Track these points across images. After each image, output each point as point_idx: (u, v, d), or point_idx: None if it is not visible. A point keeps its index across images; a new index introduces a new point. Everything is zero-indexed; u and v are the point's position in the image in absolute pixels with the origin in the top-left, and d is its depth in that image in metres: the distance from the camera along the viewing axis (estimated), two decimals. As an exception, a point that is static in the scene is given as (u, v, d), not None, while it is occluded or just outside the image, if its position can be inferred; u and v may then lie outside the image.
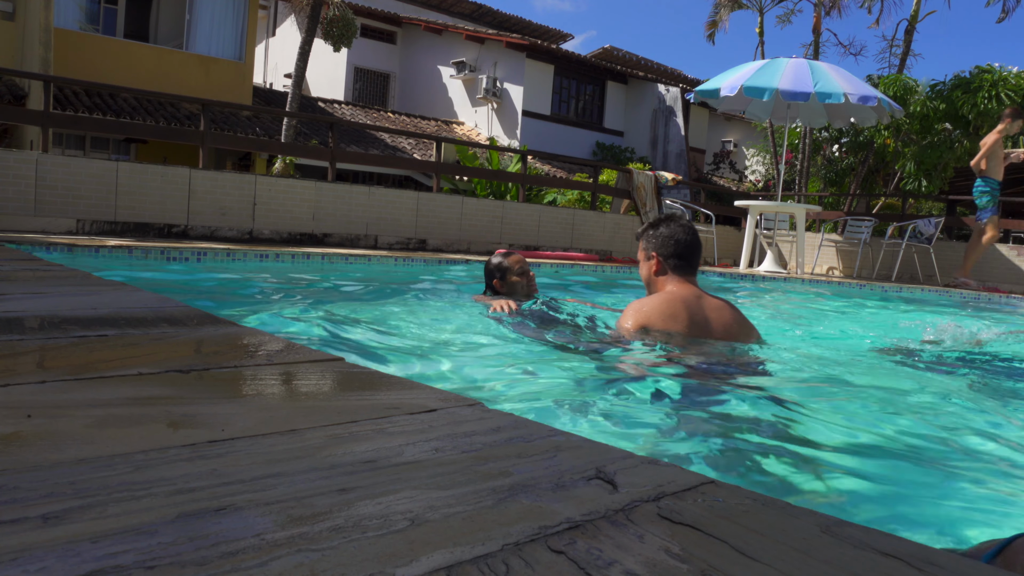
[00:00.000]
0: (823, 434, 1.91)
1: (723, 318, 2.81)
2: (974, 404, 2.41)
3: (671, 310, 2.72)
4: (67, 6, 13.35)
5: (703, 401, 2.22)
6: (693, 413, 2.09)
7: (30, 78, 10.14)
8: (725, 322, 2.80)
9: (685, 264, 2.83)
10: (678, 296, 2.77)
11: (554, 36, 24.49)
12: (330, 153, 8.41)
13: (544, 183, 13.81)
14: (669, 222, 2.87)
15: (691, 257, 2.84)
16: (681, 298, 2.76)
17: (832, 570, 0.64)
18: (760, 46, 15.52)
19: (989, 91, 10.93)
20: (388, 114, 19.29)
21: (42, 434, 0.91)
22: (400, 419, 1.06)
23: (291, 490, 0.76)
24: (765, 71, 9.19)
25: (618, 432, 1.83)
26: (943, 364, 3.21)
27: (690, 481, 0.87)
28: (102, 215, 6.46)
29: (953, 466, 1.75)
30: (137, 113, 13.44)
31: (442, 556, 0.63)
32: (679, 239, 2.82)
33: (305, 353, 1.57)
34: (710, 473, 1.32)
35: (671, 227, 2.85)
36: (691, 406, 2.18)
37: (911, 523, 1.40)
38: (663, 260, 2.83)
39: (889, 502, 1.50)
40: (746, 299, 6.59)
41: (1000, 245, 9.83)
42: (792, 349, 3.30)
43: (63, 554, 0.59)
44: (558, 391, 2.25)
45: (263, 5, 19.78)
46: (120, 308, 1.99)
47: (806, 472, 1.63)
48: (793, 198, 12.66)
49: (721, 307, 2.83)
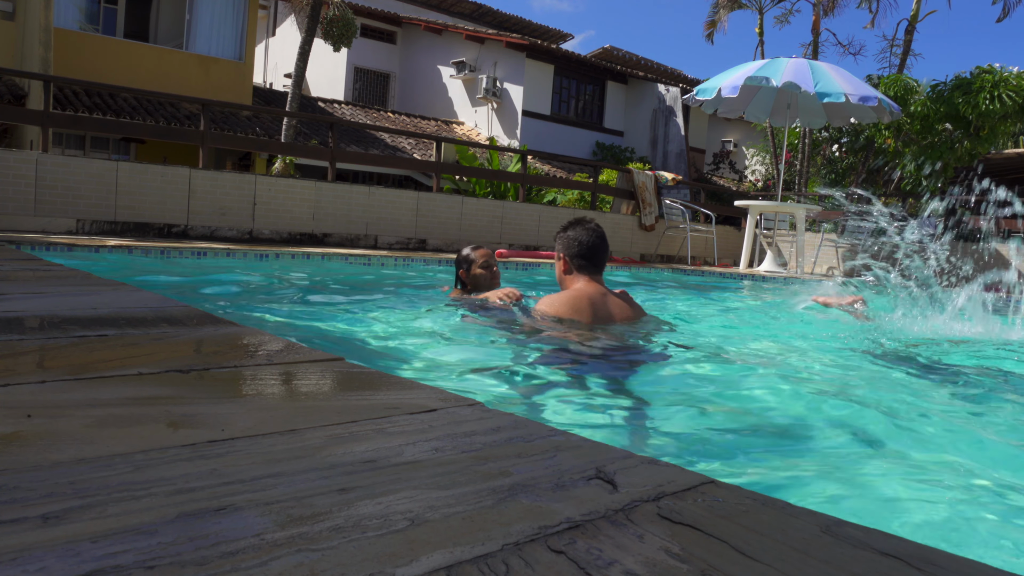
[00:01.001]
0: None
1: (625, 313, 3.08)
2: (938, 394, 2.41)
3: (577, 305, 2.97)
4: (67, 6, 13.35)
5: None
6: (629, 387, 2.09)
7: (30, 78, 10.14)
8: (627, 317, 3.08)
9: (589, 264, 3.07)
10: (584, 293, 3.02)
11: (554, 36, 24.49)
12: (330, 153, 8.41)
13: (544, 183, 13.81)
14: (577, 226, 3.11)
15: (594, 258, 3.08)
16: (587, 295, 3.01)
17: (832, 570, 0.64)
18: (760, 46, 15.53)
19: (990, 92, 10.92)
20: (388, 114, 19.29)
21: (42, 434, 0.91)
22: (400, 419, 1.06)
23: (291, 490, 0.76)
24: (765, 70, 9.20)
25: (617, 431, 1.83)
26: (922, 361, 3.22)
27: (690, 481, 0.87)
28: (102, 215, 6.47)
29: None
30: (137, 113, 13.44)
31: (442, 556, 0.63)
32: (583, 241, 3.06)
33: (305, 353, 1.57)
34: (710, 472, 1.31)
35: (577, 230, 3.09)
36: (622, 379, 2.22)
37: (911, 521, 1.40)
38: (569, 260, 3.08)
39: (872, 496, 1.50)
40: (743, 300, 6.60)
41: (999, 245, 9.84)
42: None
43: (63, 554, 0.59)
44: (556, 389, 2.25)
45: (263, 5, 19.78)
46: (120, 308, 1.99)
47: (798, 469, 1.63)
48: (793, 198, 12.66)
49: (623, 305, 3.12)
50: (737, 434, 1.91)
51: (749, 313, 5.63)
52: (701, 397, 2.30)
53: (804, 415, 2.13)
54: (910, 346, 3.54)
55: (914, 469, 1.70)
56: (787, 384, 2.52)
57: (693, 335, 3.76)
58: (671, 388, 2.40)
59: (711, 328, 4.31)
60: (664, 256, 10.92)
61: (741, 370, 2.77)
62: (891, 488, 1.55)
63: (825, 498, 1.48)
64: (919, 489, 1.56)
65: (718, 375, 2.64)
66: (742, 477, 1.57)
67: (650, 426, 1.94)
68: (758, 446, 1.82)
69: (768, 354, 3.31)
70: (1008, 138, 14.63)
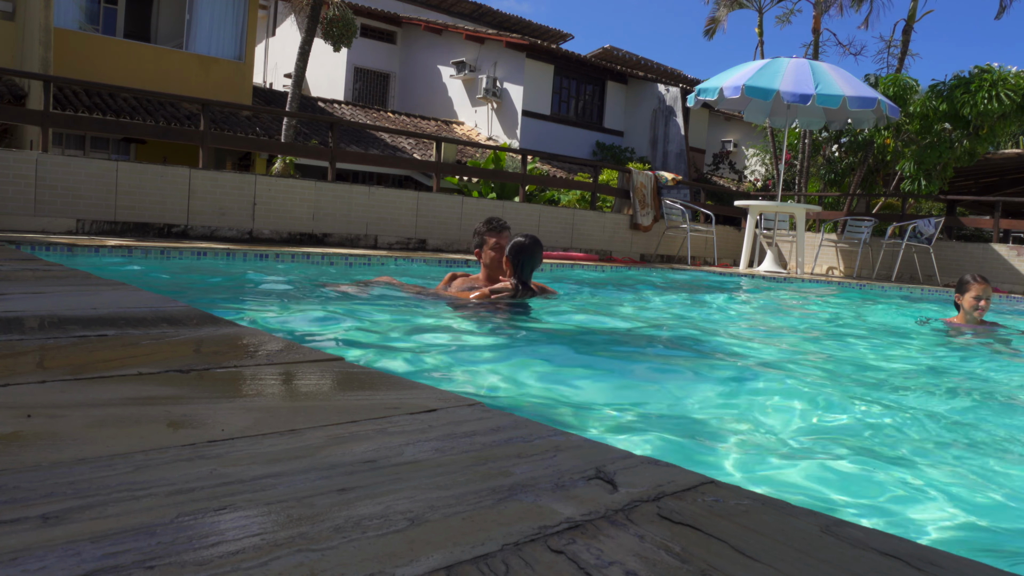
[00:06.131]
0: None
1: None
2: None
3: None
4: (67, 6, 13.34)
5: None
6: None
7: (30, 78, 10.14)
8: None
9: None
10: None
11: (554, 36, 24.48)
12: (330, 153, 8.41)
13: (544, 183, 13.81)
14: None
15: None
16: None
17: (832, 570, 0.64)
18: (760, 46, 15.50)
19: (989, 91, 10.91)
20: (388, 114, 19.28)
21: (42, 434, 0.91)
22: (400, 419, 1.06)
23: (291, 490, 0.76)
24: (766, 71, 9.19)
25: (617, 431, 1.83)
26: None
27: (690, 481, 0.87)
28: (102, 215, 6.46)
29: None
30: (137, 113, 13.44)
31: (442, 556, 0.63)
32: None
33: (305, 353, 1.56)
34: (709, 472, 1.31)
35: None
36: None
37: (906, 519, 1.40)
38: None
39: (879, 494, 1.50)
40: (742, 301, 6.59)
41: (999, 245, 9.84)
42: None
43: (63, 554, 0.59)
44: (555, 388, 2.25)
45: (263, 5, 19.77)
46: (120, 308, 1.99)
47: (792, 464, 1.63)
48: (793, 198, 12.66)
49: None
50: (737, 434, 1.91)
51: (749, 313, 5.63)
52: (701, 397, 2.30)
53: (804, 415, 2.13)
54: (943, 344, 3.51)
55: (914, 469, 1.70)
56: (788, 384, 2.52)
57: (693, 335, 3.77)
58: (672, 388, 2.40)
59: (711, 328, 4.31)
60: (664, 256, 10.91)
61: (741, 370, 2.77)
62: (892, 488, 1.55)
63: (825, 498, 1.48)
64: (919, 489, 1.56)
65: (718, 375, 2.64)
66: (742, 477, 1.57)
67: (650, 426, 1.94)
68: (758, 446, 1.82)
69: (768, 354, 3.31)
70: (1008, 138, 14.62)
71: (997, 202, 10.45)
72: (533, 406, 2.05)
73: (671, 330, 3.53)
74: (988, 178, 17.07)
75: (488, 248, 3.82)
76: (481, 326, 3.28)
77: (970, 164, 12.28)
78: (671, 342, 3.14)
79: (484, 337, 3.03)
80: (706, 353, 3.09)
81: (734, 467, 1.62)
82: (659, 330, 3.54)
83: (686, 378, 2.54)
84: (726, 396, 2.34)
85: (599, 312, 4.35)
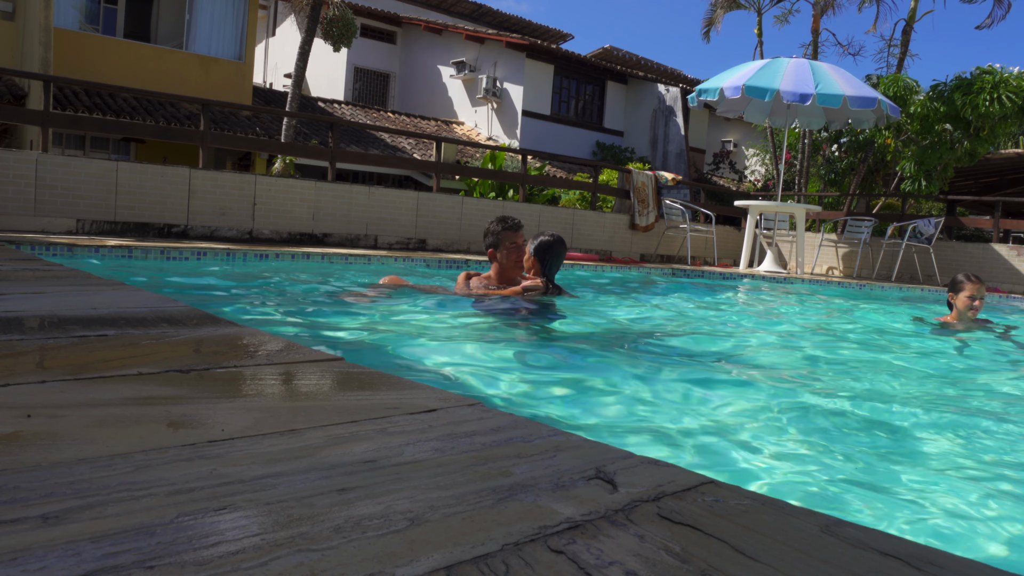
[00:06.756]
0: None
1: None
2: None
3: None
4: (67, 6, 13.34)
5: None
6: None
7: (30, 78, 10.14)
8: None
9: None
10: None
11: (554, 36, 24.48)
12: (330, 153, 8.41)
13: (544, 183, 13.81)
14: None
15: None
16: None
17: (832, 570, 0.64)
18: (759, 46, 15.49)
19: (990, 92, 10.90)
20: (388, 114, 19.28)
21: (42, 434, 0.91)
22: (400, 419, 1.06)
23: (291, 490, 0.76)
24: (766, 70, 9.19)
25: (617, 431, 1.83)
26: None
27: (690, 481, 0.87)
28: (102, 215, 6.46)
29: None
30: (137, 113, 13.44)
31: (442, 556, 0.63)
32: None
33: (305, 353, 1.56)
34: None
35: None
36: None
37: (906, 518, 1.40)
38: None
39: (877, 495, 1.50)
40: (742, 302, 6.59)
41: (999, 245, 9.83)
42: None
43: (63, 554, 0.59)
44: (556, 387, 2.25)
45: (263, 5, 19.77)
46: (120, 308, 1.99)
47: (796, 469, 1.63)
48: (793, 198, 12.66)
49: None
50: (737, 434, 1.91)
51: (748, 313, 5.63)
52: (701, 397, 2.30)
53: (804, 415, 2.13)
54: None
55: (915, 468, 1.70)
56: (786, 384, 2.52)
57: (692, 335, 3.77)
58: (671, 388, 2.40)
59: (710, 329, 4.31)
60: (664, 256, 10.91)
61: (739, 370, 2.77)
62: (893, 487, 1.55)
63: (825, 498, 1.48)
64: (921, 488, 1.56)
65: (717, 375, 2.64)
66: (742, 477, 1.57)
67: (650, 426, 1.94)
68: (758, 446, 1.82)
69: (768, 353, 3.31)
70: (1008, 138, 14.60)
71: (997, 202, 10.45)
72: (533, 406, 2.05)
73: (671, 330, 3.53)
74: (988, 178, 17.08)
75: (505, 247, 3.79)
76: (483, 326, 3.28)
77: (970, 164, 12.28)
78: (671, 342, 3.14)
79: (484, 337, 3.03)
80: (705, 353, 3.10)
81: (734, 467, 1.62)
82: (659, 330, 3.54)
83: (685, 378, 2.54)
84: (726, 396, 2.34)
85: (599, 312, 4.35)
